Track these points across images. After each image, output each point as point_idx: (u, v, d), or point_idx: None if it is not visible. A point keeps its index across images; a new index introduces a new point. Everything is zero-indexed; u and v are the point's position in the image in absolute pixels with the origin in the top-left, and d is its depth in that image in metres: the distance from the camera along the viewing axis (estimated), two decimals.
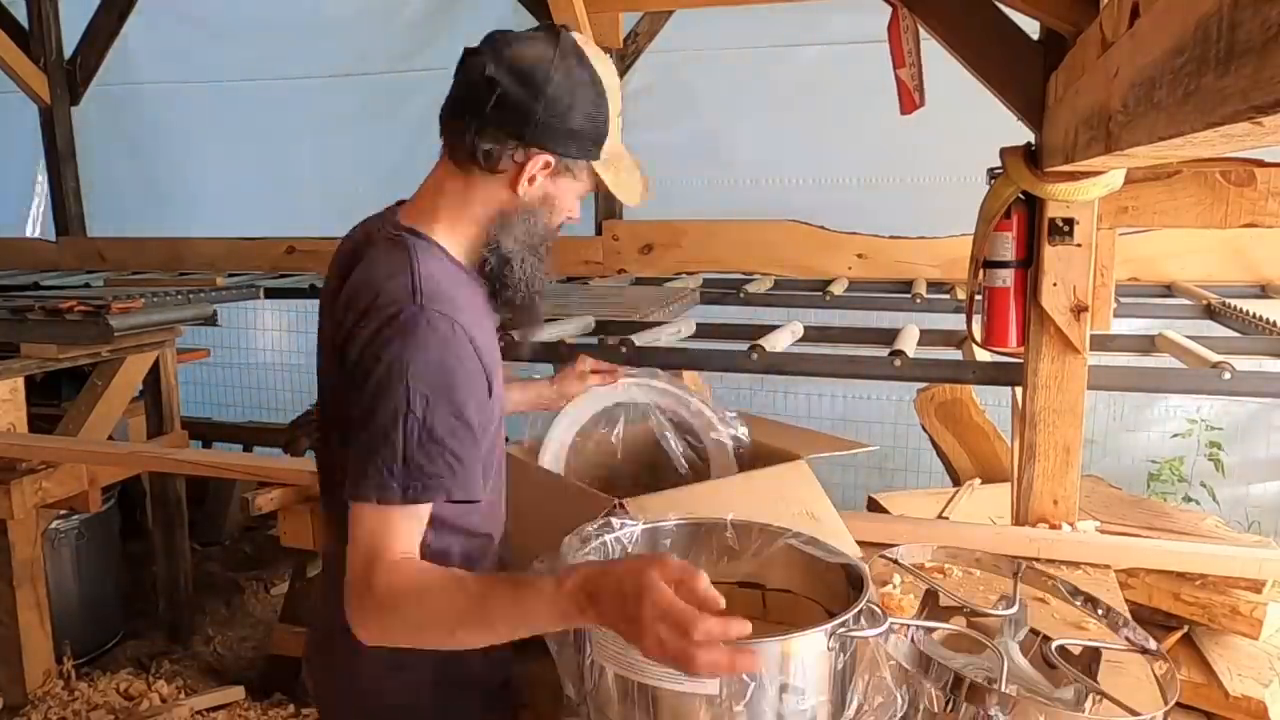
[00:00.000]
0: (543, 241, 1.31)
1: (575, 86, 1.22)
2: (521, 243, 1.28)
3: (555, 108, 1.20)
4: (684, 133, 4.47)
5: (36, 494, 3.02)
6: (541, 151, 1.23)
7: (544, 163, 1.24)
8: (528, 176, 1.24)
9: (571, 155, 1.25)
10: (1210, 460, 3.88)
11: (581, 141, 1.25)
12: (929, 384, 3.25)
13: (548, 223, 1.31)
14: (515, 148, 1.22)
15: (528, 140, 1.22)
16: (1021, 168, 1.93)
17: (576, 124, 1.23)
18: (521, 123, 1.21)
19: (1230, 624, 2.04)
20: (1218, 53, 0.67)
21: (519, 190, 1.25)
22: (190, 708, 3.13)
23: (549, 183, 1.27)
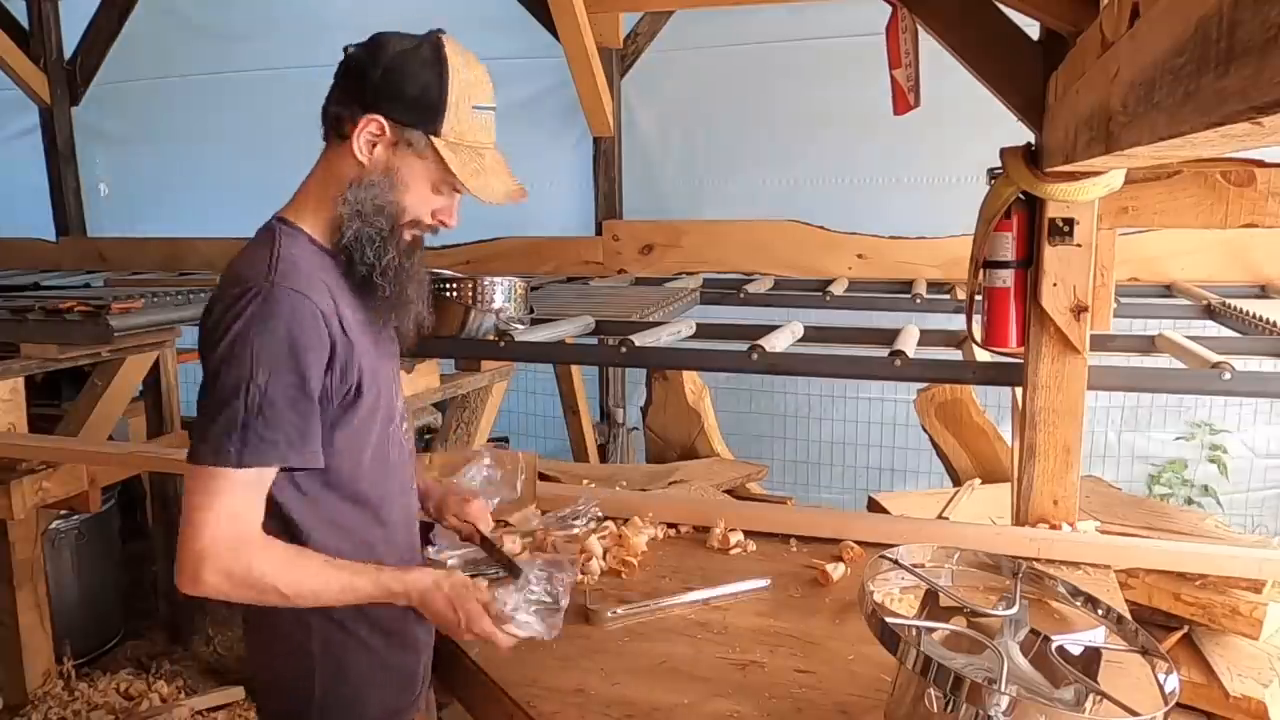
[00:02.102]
0: (384, 214, 1.30)
1: (417, 62, 1.28)
2: (357, 210, 1.29)
3: (391, 74, 1.27)
4: (684, 132, 4.47)
5: (36, 494, 3.02)
6: (374, 113, 1.28)
7: (377, 124, 1.28)
8: (363, 139, 1.28)
9: (406, 122, 1.28)
10: (1212, 462, 3.88)
11: (415, 109, 1.28)
12: (929, 384, 3.26)
13: (394, 200, 1.31)
14: (354, 110, 1.29)
15: (363, 100, 1.28)
16: (1021, 168, 1.93)
17: (409, 90, 1.27)
18: (358, 82, 1.29)
19: (1230, 624, 2.05)
20: (1218, 53, 0.67)
21: (359, 154, 1.29)
22: (190, 708, 3.13)
23: (390, 154, 1.30)
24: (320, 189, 1.34)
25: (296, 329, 1.21)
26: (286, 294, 1.21)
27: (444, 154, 1.29)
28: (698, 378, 3.85)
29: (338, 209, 1.30)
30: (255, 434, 1.18)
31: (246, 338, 1.18)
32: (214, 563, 1.19)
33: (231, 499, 1.19)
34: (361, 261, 1.31)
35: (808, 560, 1.95)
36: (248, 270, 1.24)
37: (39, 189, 5.33)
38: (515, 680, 1.51)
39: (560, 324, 2.74)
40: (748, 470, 3.58)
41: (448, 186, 1.35)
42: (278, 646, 1.37)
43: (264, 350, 1.18)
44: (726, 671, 1.53)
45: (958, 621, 1.40)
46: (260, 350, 1.18)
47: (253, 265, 1.25)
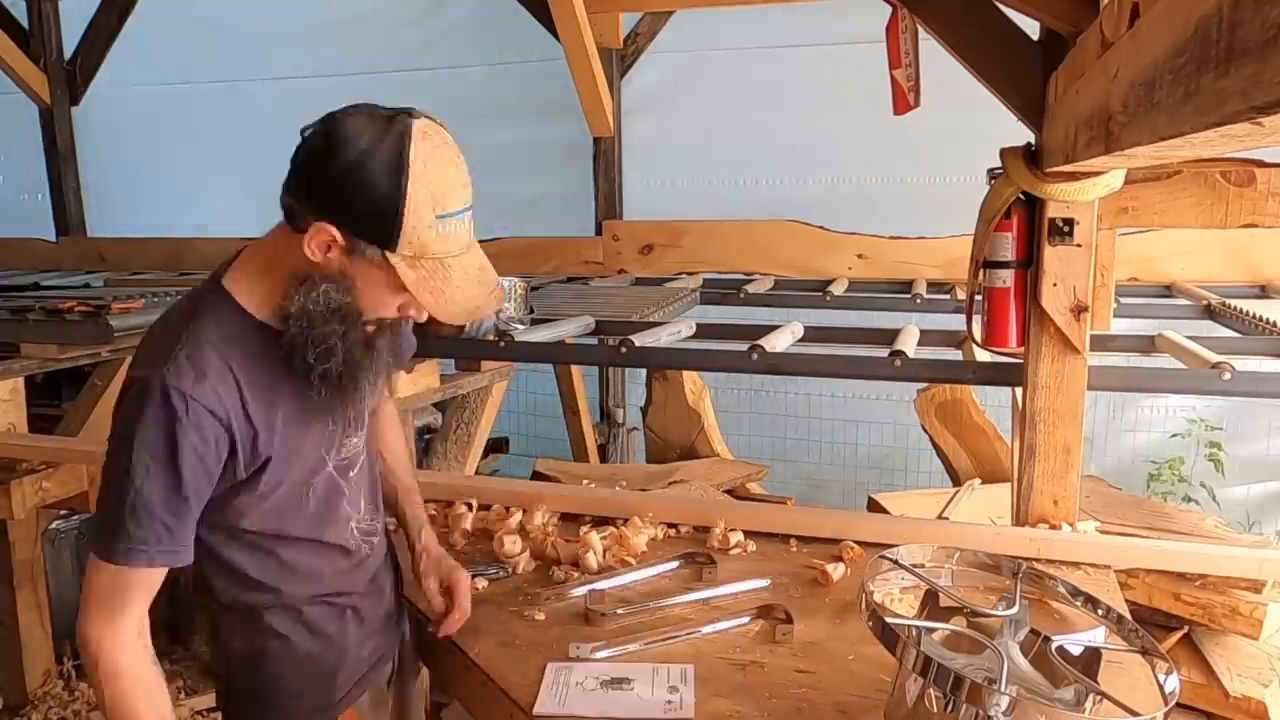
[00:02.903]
0: (338, 316, 1.22)
1: (373, 167, 1.14)
2: (303, 309, 1.20)
3: (344, 179, 1.15)
4: (684, 133, 4.48)
5: (36, 494, 3.01)
6: (326, 221, 1.17)
7: (327, 235, 1.18)
8: (313, 243, 1.19)
9: (360, 235, 1.18)
10: (1210, 460, 3.88)
11: (368, 224, 1.17)
12: (929, 384, 3.26)
13: (349, 303, 1.22)
14: (306, 209, 1.19)
15: (315, 203, 1.18)
16: (1021, 168, 1.93)
17: (359, 204, 1.16)
18: (310, 182, 1.19)
19: (1230, 624, 2.05)
20: (1218, 53, 0.67)
21: (310, 255, 1.19)
22: (190, 708, 3.13)
23: (344, 260, 1.20)
24: (267, 266, 1.27)
25: (179, 432, 1.18)
26: (176, 395, 1.18)
27: (399, 270, 1.18)
28: (698, 378, 3.85)
29: (283, 299, 1.22)
30: (128, 534, 1.20)
31: (131, 436, 1.19)
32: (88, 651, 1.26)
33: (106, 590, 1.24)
34: (302, 360, 1.23)
35: (808, 560, 1.95)
36: (154, 353, 1.23)
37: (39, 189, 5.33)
38: (515, 680, 1.51)
39: (560, 324, 2.74)
40: (748, 470, 3.59)
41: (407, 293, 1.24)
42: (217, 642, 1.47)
43: (144, 449, 1.18)
44: (726, 671, 1.53)
45: (958, 621, 1.40)
46: (140, 449, 1.18)
47: (159, 348, 1.23)
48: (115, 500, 1.20)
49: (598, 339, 2.70)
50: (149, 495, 1.19)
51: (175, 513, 1.22)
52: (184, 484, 1.21)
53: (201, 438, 1.20)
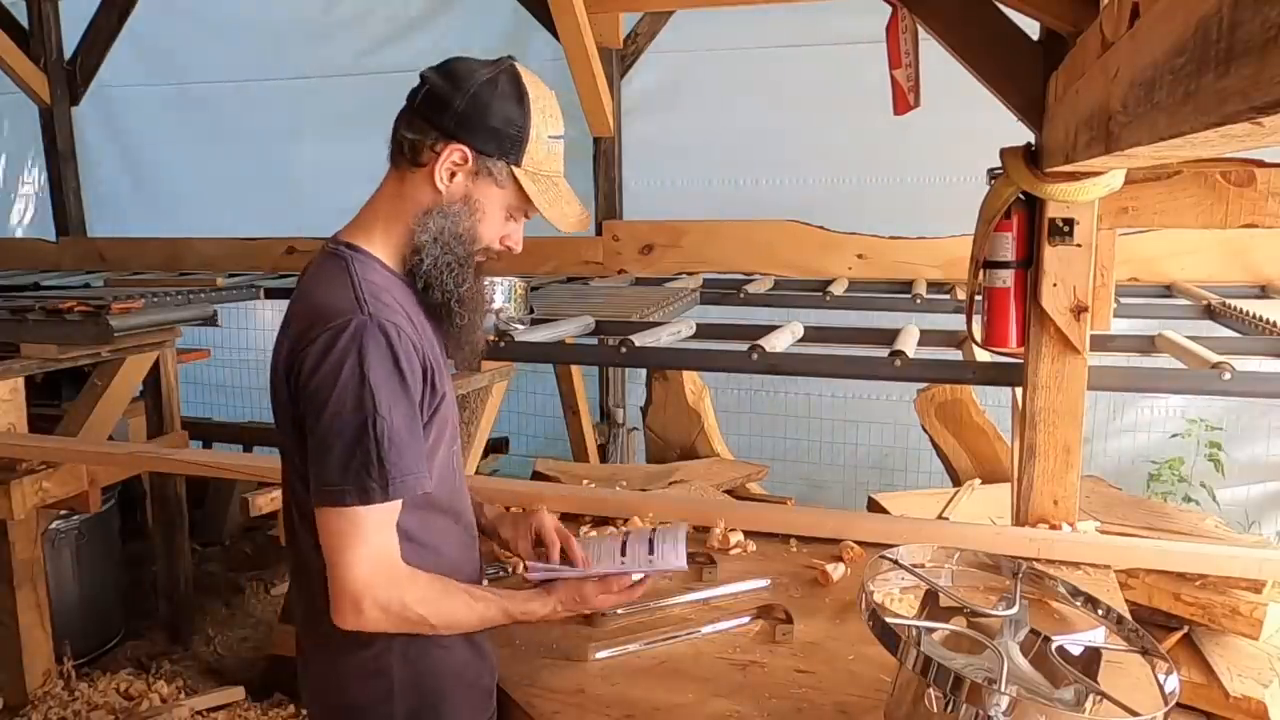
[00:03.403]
0: (462, 243, 1.31)
1: (497, 91, 1.28)
2: (435, 237, 1.30)
3: (474, 103, 1.27)
4: (684, 133, 4.47)
5: (36, 494, 3.02)
6: (458, 143, 1.28)
7: (460, 154, 1.28)
8: (445, 168, 1.28)
9: (488, 152, 1.29)
10: (1210, 460, 3.88)
11: (499, 140, 1.28)
12: (929, 384, 3.26)
13: (470, 227, 1.31)
14: (435, 139, 1.28)
15: (445, 129, 1.28)
16: (1021, 168, 1.93)
17: (494, 121, 1.28)
18: (440, 111, 1.28)
19: (1230, 624, 2.05)
20: (1218, 53, 0.67)
21: (438, 183, 1.29)
22: (190, 708, 3.13)
23: (469, 182, 1.30)
24: (390, 213, 1.33)
25: (402, 359, 1.22)
26: (387, 325, 1.21)
27: (525, 184, 1.31)
28: (698, 378, 3.85)
29: (413, 236, 1.31)
30: (394, 467, 1.19)
31: (362, 374, 1.18)
32: (371, 598, 1.20)
33: (377, 534, 1.21)
34: (441, 289, 1.31)
35: (808, 560, 1.95)
36: (336, 303, 1.23)
37: None
38: (515, 680, 1.51)
39: (560, 324, 2.74)
40: (748, 470, 3.58)
41: (519, 213, 1.36)
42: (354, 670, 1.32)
43: (381, 384, 1.19)
44: (726, 671, 1.53)
45: (958, 621, 1.40)
46: (378, 384, 1.19)
47: (339, 298, 1.24)
48: (364, 440, 1.18)
49: (598, 339, 2.70)
50: (396, 425, 1.19)
51: (419, 437, 1.24)
52: (415, 407, 1.24)
53: (411, 366, 1.23)
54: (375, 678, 1.32)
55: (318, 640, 1.35)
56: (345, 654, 1.32)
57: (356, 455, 1.18)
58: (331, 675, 1.35)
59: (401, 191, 1.32)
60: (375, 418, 1.18)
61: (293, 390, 1.24)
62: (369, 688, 1.32)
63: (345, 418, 1.18)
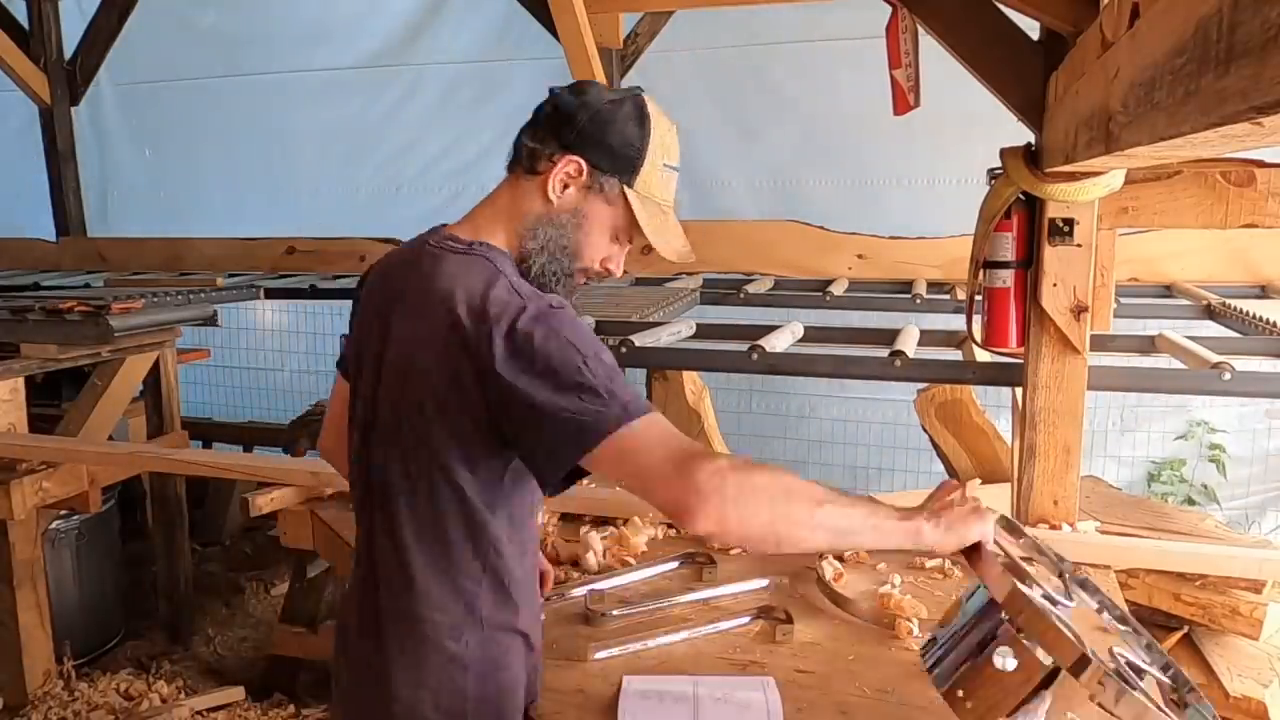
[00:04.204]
0: (567, 254, 1.34)
1: (621, 113, 1.33)
2: (543, 246, 1.32)
3: (596, 119, 1.31)
4: (683, 133, 4.46)
5: (37, 494, 3.01)
6: (574, 154, 1.31)
7: (575, 165, 1.31)
8: (559, 177, 1.31)
9: (603, 168, 1.32)
10: (1211, 461, 3.88)
11: (614, 158, 1.32)
12: (929, 384, 3.26)
13: (576, 241, 1.34)
14: (554, 148, 1.32)
15: (565, 141, 1.32)
16: (1021, 168, 1.93)
17: (612, 139, 1.31)
18: (563, 124, 1.32)
19: (1230, 624, 2.04)
20: (1218, 53, 0.67)
21: (550, 193, 1.31)
22: (190, 708, 3.13)
23: (580, 195, 1.33)
24: (505, 217, 1.35)
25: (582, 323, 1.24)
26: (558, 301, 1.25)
27: (634, 205, 1.33)
28: (698, 378, 3.85)
29: (523, 242, 1.33)
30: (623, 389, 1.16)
31: (560, 335, 1.18)
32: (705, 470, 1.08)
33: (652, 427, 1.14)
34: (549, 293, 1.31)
35: (808, 560, 1.95)
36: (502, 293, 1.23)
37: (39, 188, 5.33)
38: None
39: None
40: None
41: (625, 236, 1.38)
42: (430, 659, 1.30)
43: (580, 336, 1.20)
44: (726, 671, 1.53)
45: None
46: (578, 337, 1.19)
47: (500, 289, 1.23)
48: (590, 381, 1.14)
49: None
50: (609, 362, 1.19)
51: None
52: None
53: None
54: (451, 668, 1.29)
55: (380, 636, 1.32)
56: (418, 643, 1.29)
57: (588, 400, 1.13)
58: (406, 667, 1.30)
59: (515, 198, 1.35)
60: (585, 361, 1.16)
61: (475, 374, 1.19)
62: (444, 679, 1.29)
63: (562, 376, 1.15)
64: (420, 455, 1.27)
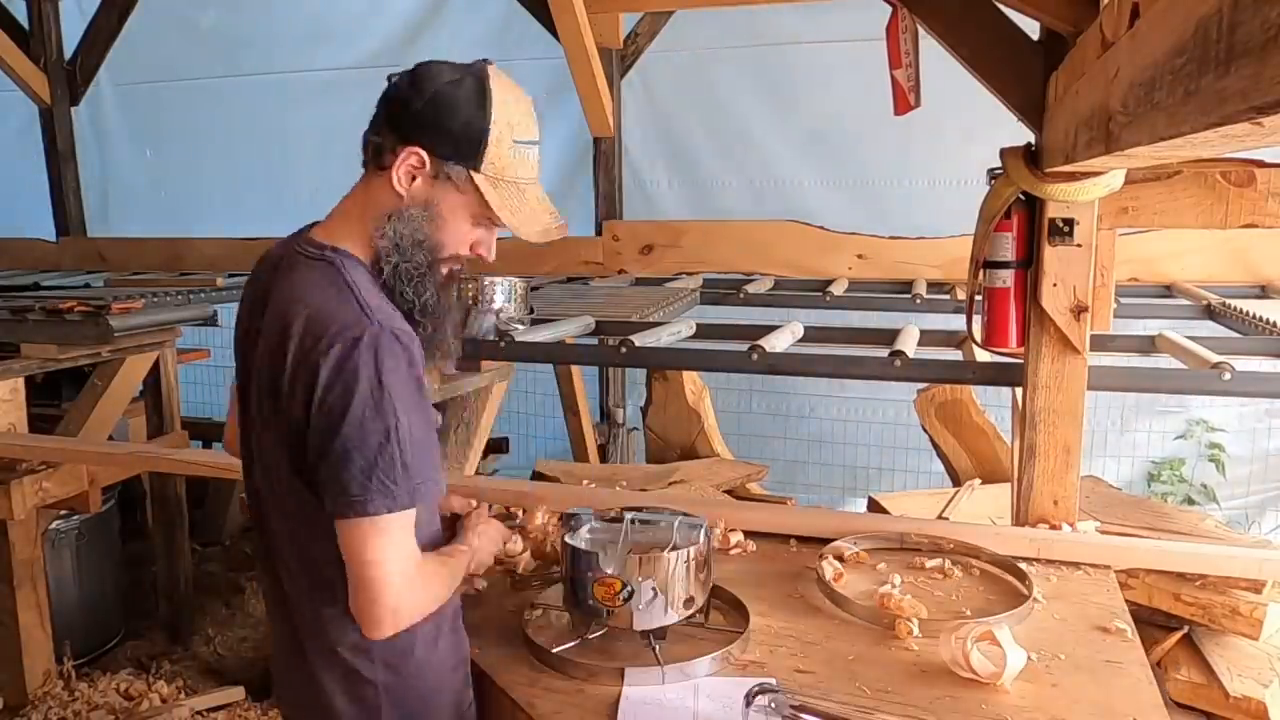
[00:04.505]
0: (422, 249, 1.29)
1: (460, 95, 1.26)
2: (396, 243, 1.28)
3: (432, 105, 1.26)
4: (683, 133, 4.48)
5: (37, 494, 3.01)
6: (414, 145, 1.27)
7: (417, 157, 1.27)
8: (403, 171, 1.28)
9: (446, 155, 1.27)
10: (1211, 461, 3.88)
11: (455, 143, 1.27)
12: (929, 384, 3.26)
13: (431, 234, 1.30)
14: (395, 140, 1.28)
15: (403, 131, 1.27)
16: (1021, 168, 1.93)
17: (451, 124, 1.26)
18: (400, 113, 1.28)
19: (1230, 624, 2.04)
20: (1218, 53, 0.67)
21: (397, 186, 1.28)
22: (190, 708, 3.13)
23: (428, 186, 1.29)
24: (361, 216, 1.32)
25: (417, 365, 1.23)
26: (399, 333, 1.22)
27: (484, 189, 1.29)
28: (698, 378, 3.85)
29: (374, 239, 1.30)
30: (415, 473, 1.20)
31: (382, 383, 1.18)
32: (407, 610, 1.23)
33: (404, 539, 1.23)
34: (401, 297, 1.30)
35: (808, 560, 1.95)
36: (341, 313, 1.22)
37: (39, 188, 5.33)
38: (515, 680, 1.51)
39: (560, 324, 2.74)
40: (748, 470, 3.58)
41: (486, 220, 1.34)
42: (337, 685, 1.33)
43: (399, 392, 1.19)
44: (726, 671, 1.53)
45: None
46: (397, 393, 1.19)
47: (342, 307, 1.22)
48: (387, 448, 1.18)
49: (598, 339, 2.70)
50: (416, 431, 1.21)
51: (434, 441, 1.27)
52: (429, 414, 1.27)
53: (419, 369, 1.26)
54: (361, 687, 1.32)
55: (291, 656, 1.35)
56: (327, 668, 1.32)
57: (379, 464, 1.18)
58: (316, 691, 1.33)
59: (368, 196, 1.32)
60: (396, 425, 1.19)
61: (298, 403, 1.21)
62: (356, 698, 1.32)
63: (367, 428, 1.18)
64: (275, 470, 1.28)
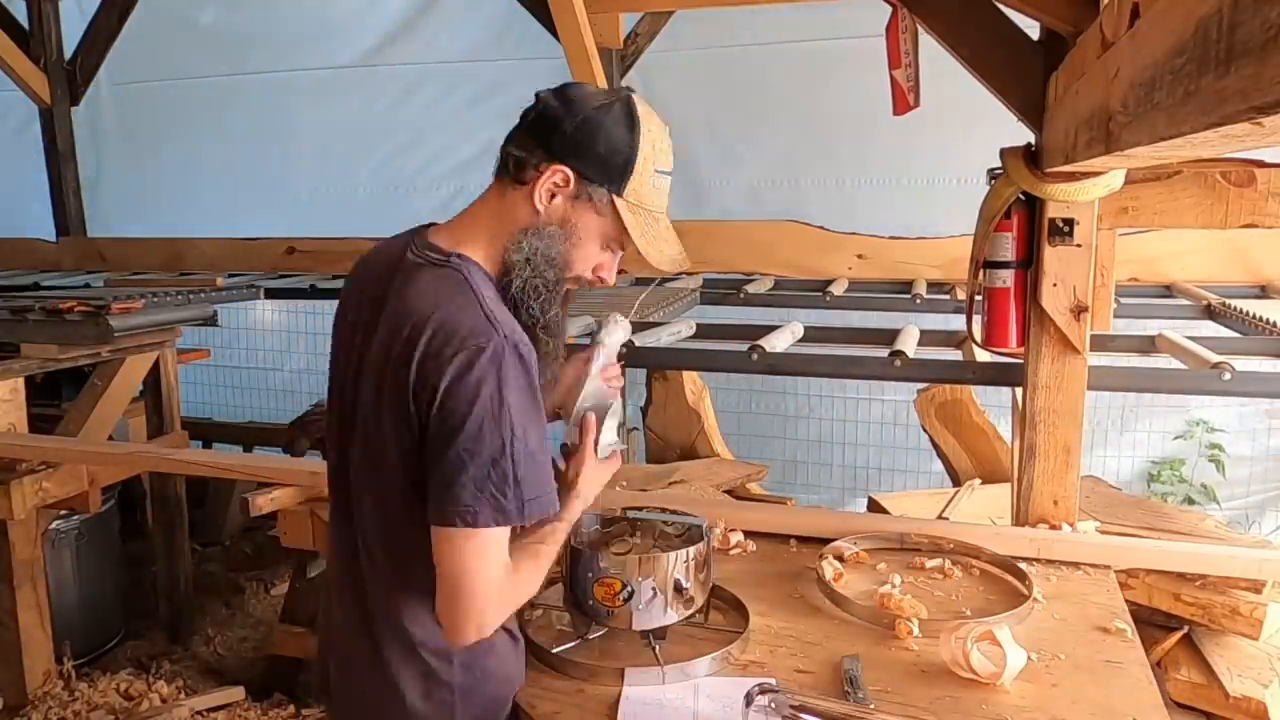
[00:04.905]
0: (554, 266, 1.30)
1: (610, 119, 1.28)
2: (528, 258, 1.29)
3: (584, 127, 1.27)
4: (683, 133, 4.44)
5: (36, 494, 3.01)
6: (562, 164, 1.27)
7: (562, 175, 1.27)
8: (545, 188, 1.28)
9: (591, 178, 1.28)
10: (1211, 461, 3.88)
11: (603, 167, 1.28)
12: (929, 384, 3.26)
13: (564, 252, 1.31)
14: (540, 157, 1.28)
15: (552, 150, 1.28)
16: (1021, 168, 1.93)
17: (601, 148, 1.27)
18: (550, 131, 1.28)
19: (1230, 624, 2.04)
20: (1218, 53, 0.67)
21: (537, 203, 1.28)
22: (190, 708, 3.13)
23: (568, 206, 1.29)
24: (491, 226, 1.32)
25: (535, 380, 1.24)
26: (521, 347, 1.23)
27: (624, 215, 1.30)
28: (698, 378, 3.85)
29: (507, 254, 1.30)
30: (527, 488, 1.21)
31: (503, 396, 1.19)
32: (492, 620, 1.25)
33: (500, 551, 1.23)
34: (528, 313, 1.31)
35: (808, 560, 1.95)
36: (469, 321, 1.22)
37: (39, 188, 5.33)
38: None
39: None
40: (748, 470, 3.58)
41: (615, 244, 1.35)
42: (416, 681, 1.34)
43: (518, 406, 1.20)
44: (726, 671, 1.53)
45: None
46: (516, 407, 1.20)
47: (470, 315, 1.22)
48: (501, 461, 1.19)
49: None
50: (531, 446, 1.22)
51: (549, 456, 1.27)
52: (545, 429, 1.26)
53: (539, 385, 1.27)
54: (436, 687, 1.33)
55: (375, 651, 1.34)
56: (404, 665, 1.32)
57: (492, 477, 1.19)
58: (387, 687, 1.34)
59: (502, 207, 1.32)
60: (513, 439, 1.19)
61: (419, 405, 1.22)
62: (431, 697, 1.33)
63: (484, 439, 1.19)
64: (382, 462, 1.28)
